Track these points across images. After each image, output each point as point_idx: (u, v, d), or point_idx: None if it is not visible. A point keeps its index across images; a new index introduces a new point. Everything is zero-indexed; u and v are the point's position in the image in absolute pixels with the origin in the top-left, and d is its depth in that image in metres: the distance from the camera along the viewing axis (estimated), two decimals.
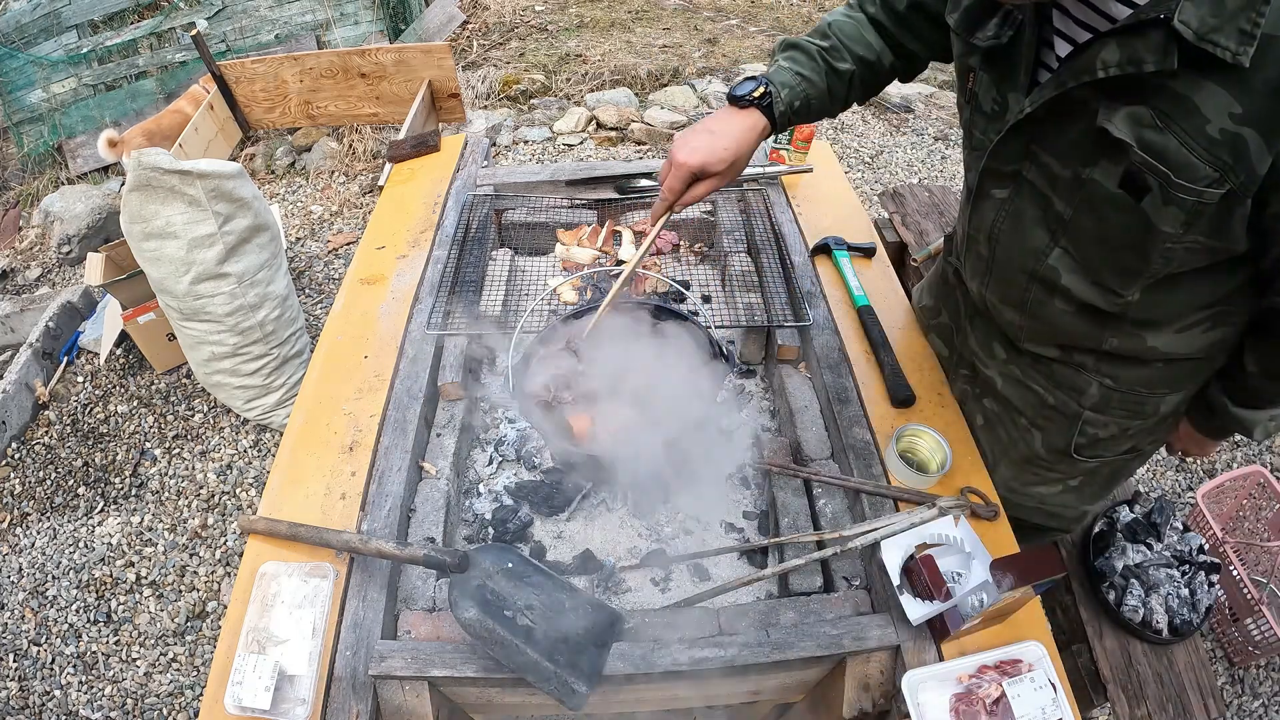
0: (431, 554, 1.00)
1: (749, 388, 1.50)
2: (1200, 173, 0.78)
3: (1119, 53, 0.77)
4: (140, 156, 2.04)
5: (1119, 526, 1.64)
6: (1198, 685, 1.51)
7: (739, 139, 1.09)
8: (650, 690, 1.04)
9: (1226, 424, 1.10)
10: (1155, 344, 1.03)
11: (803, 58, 1.16)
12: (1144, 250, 0.89)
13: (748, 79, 1.13)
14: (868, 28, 1.18)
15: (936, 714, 0.92)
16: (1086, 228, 0.94)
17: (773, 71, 1.14)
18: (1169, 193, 0.81)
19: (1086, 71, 0.81)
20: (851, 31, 1.17)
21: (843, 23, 1.18)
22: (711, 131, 1.09)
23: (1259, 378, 1.02)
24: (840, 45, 1.17)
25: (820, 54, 1.16)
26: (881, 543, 1.02)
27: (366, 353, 1.40)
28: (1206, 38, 0.70)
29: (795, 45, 1.18)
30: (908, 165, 4.02)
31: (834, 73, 1.16)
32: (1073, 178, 0.91)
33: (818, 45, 1.17)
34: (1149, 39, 0.74)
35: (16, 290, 3.59)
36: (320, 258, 3.50)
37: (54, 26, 4.20)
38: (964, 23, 0.99)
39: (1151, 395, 1.12)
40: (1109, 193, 0.87)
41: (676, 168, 1.08)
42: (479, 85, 4.59)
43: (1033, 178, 0.98)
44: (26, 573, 2.35)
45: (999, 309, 1.17)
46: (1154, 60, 0.75)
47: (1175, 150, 0.78)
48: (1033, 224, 1.01)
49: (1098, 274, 0.97)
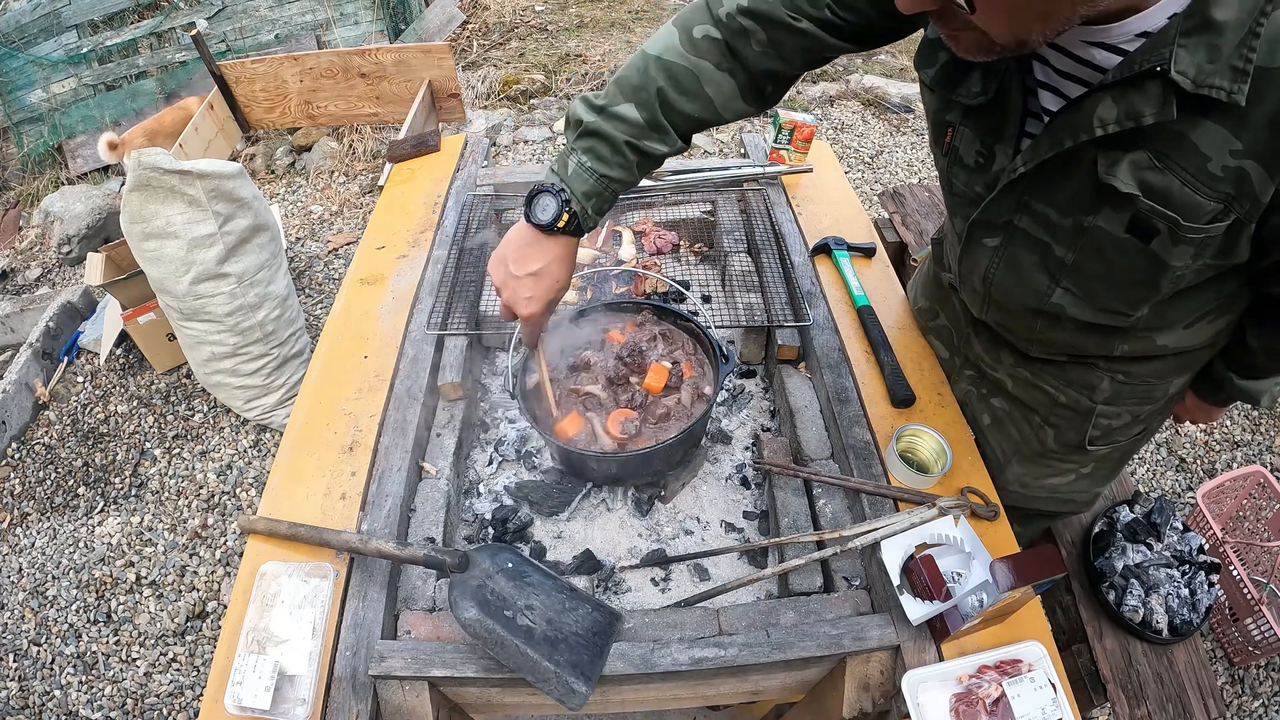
0: (431, 554, 1.00)
1: (749, 388, 1.50)
2: (1206, 209, 0.76)
3: (1116, 109, 0.75)
4: (140, 156, 2.04)
5: (1119, 526, 1.64)
6: (1198, 685, 1.51)
7: (564, 266, 1.04)
8: (650, 690, 1.04)
9: (1233, 394, 1.12)
10: (1165, 342, 1.03)
11: (607, 152, 0.97)
12: (1154, 282, 0.88)
13: (541, 191, 0.99)
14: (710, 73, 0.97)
15: (936, 714, 0.92)
16: (1091, 269, 0.91)
17: (572, 175, 0.98)
18: (1178, 234, 0.79)
19: (1084, 130, 0.78)
20: (691, 87, 0.97)
21: (681, 75, 0.96)
22: (535, 274, 1.02)
23: (1262, 354, 1.03)
24: (665, 124, 0.98)
25: (630, 145, 0.97)
26: (881, 543, 1.02)
27: (366, 353, 1.40)
28: (1204, 84, 0.69)
29: (598, 134, 0.96)
30: (908, 165, 4.02)
31: (647, 159, 1.00)
32: (1074, 226, 0.88)
33: (631, 130, 0.96)
34: (1145, 91, 0.72)
35: (16, 290, 3.59)
36: (320, 258, 3.50)
37: (54, 26, 4.20)
38: (942, 79, 0.94)
39: (1161, 382, 1.12)
40: (1115, 238, 0.85)
41: (527, 321, 1.06)
42: (479, 85, 4.59)
43: (1026, 226, 0.95)
44: (26, 573, 2.35)
45: (1004, 329, 1.16)
46: (1153, 113, 0.73)
47: (1179, 190, 0.76)
48: (1031, 268, 0.98)
49: (1105, 303, 0.96)
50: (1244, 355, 1.06)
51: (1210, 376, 1.14)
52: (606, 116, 0.97)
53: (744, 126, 4.24)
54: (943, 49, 0.92)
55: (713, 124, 1.03)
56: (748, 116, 1.06)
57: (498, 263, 1.05)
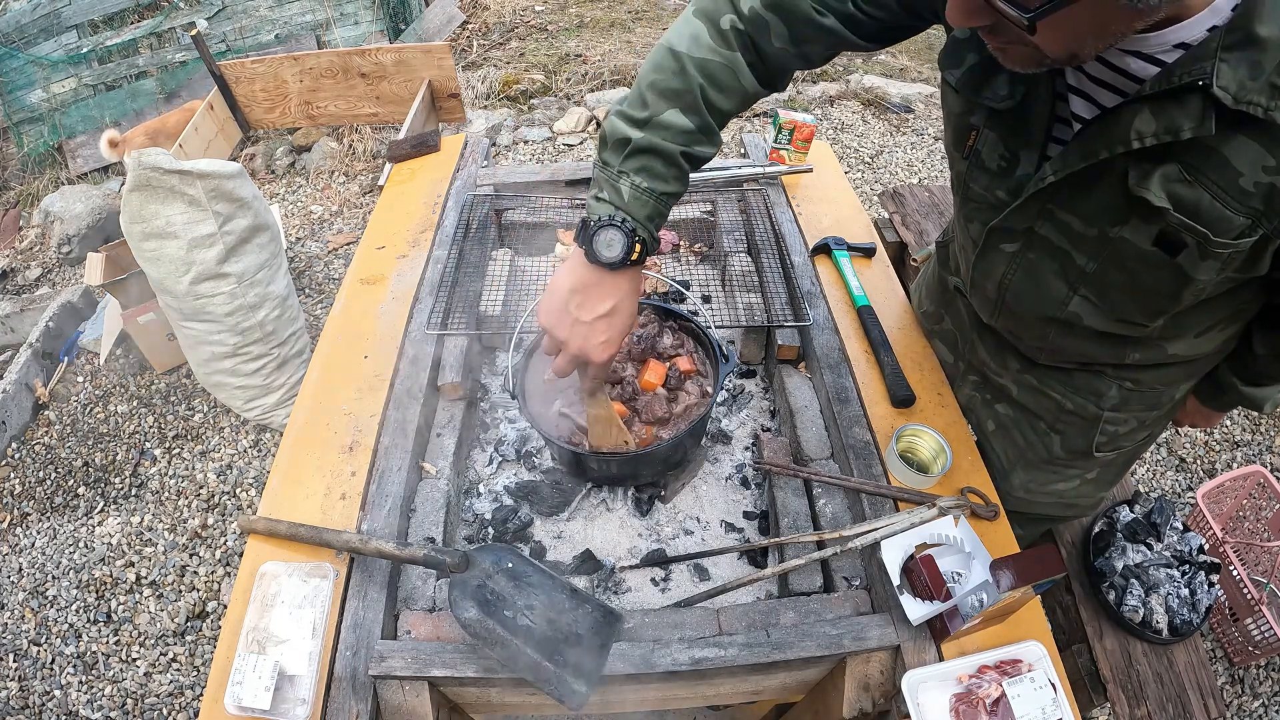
0: (431, 554, 1.00)
1: (749, 388, 1.50)
2: (1234, 224, 0.76)
3: (1155, 122, 0.73)
4: (140, 156, 2.04)
5: (1119, 526, 1.64)
6: (1198, 685, 1.51)
7: (635, 297, 0.98)
8: (650, 690, 1.04)
9: (1236, 400, 1.12)
10: (1176, 350, 1.03)
11: (661, 168, 0.92)
12: (1176, 294, 0.87)
13: (605, 227, 0.91)
14: (742, 68, 0.95)
15: (936, 714, 0.92)
16: (1113, 280, 0.91)
17: (630, 201, 0.92)
18: (1206, 250, 0.79)
19: (1121, 141, 0.77)
20: (727, 82, 0.94)
21: (717, 71, 0.93)
22: (607, 315, 0.95)
23: (1268, 360, 1.03)
24: (711, 123, 0.95)
25: (684, 155, 0.93)
26: (881, 543, 1.02)
27: (366, 353, 1.40)
28: (1244, 100, 0.68)
29: (651, 149, 0.91)
30: (908, 165, 4.02)
31: (696, 163, 0.96)
32: (1099, 236, 0.87)
33: (682, 137, 0.92)
34: (1185, 105, 0.71)
35: (16, 290, 3.59)
36: (320, 258, 3.50)
37: (54, 26, 4.21)
38: (968, 82, 0.92)
39: (1168, 389, 1.12)
40: (1141, 250, 0.84)
41: (597, 368, 0.99)
42: (479, 85, 4.59)
43: (1046, 233, 0.93)
44: (26, 573, 2.35)
45: (1014, 335, 1.15)
46: (1191, 127, 0.71)
47: (1208, 205, 0.75)
48: (1050, 275, 0.97)
49: (1123, 314, 0.95)
50: (1250, 361, 1.06)
51: (1214, 381, 1.13)
52: (653, 129, 0.91)
53: (744, 126, 4.24)
54: (970, 50, 0.91)
55: (737, 116, 1.01)
56: None
57: (556, 313, 0.96)
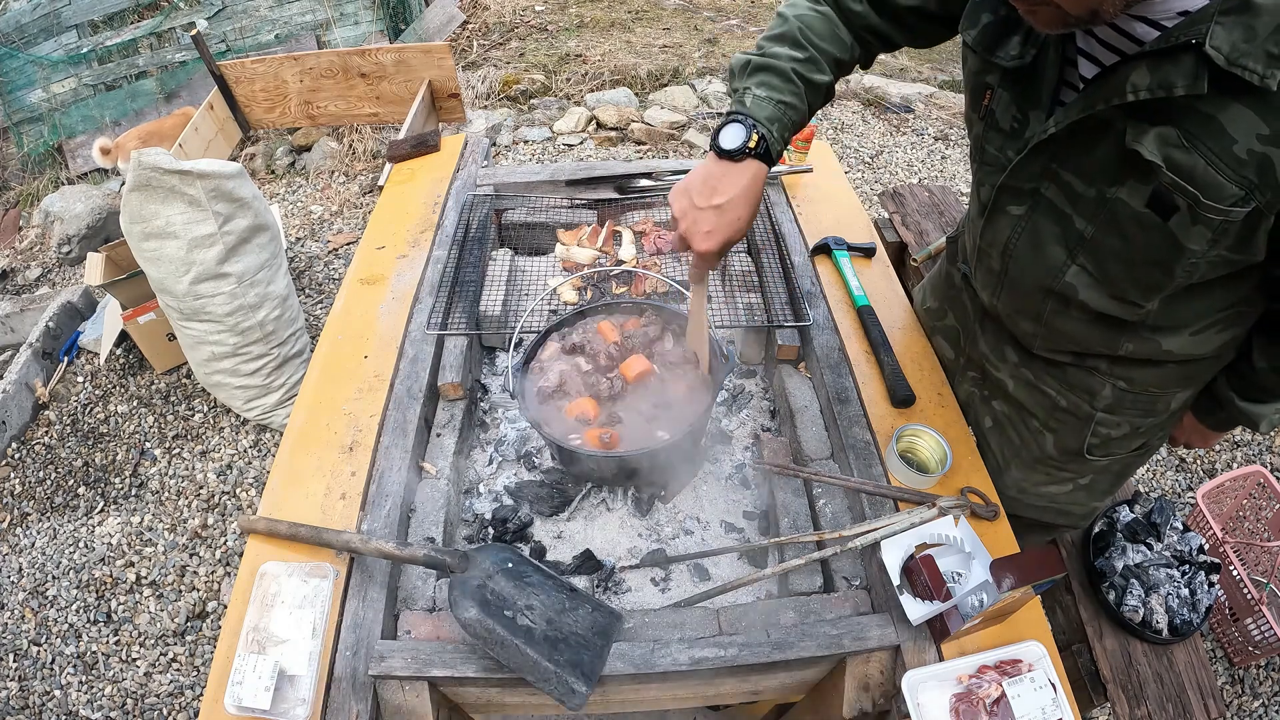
0: (431, 554, 1.00)
1: (749, 388, 1.50)
2: (1227, 192, 0.77)
3: (1149, 76, 0.77)
4: (140, 156, 2.04)
5: (1119, 526, 1.64)
6: (1198, 685, 1.51)
7: (750, 201, 1.00)
8: (650, 690, 1.04)
9: (1233, 417, 1.11)
10: (1170, 347, 1.03)
11: (778, 81, 1.03)
12: (1168, 266, 0.88)
13: (731, 121, 1.01)
14: (838, 24, 1.08)
15: (936, 714, 0.92)
16: (1109, 245, 0.93)
17: (752, 105, 1.02)
18: (1197, 213, 0.80)
19: (1116, 94, 0.80)
20: (825, 31, 1.07)
21: (813, 21, 1.07)
22: (718, 206, 0.99)
23: (1267, 374, 1.03)
24: (817, 55, 1.06)
25: (795, 73, 1.04)
26: (881, 543, 1.02)
27: (366, 353, 1.40)
28: (1236, 62, 0.70)
29: (766, 67, 1.04)
30: (908, 165, 4.02)
31: (812, 88, 1.06)
32: (1097, 196, 0.90)
33: (792, 61, 1.04)
34: (1180, 63, 0.74)
35: (16, 290, 3.59)
36: (320, 258, 3.50)
37: (54, 26, 4.21)
38: (983, 40, 0.96)
39: (1163, 394, 1.12)
40: (1135, 212, 0.86)
41: (700, 257, 1.02)
42: (479, 85, 4.59)
43: (1051, 195, 0.96)
44: (26, 573, 2.35)
45: (1013, 319, 1.16)
46: (1184, 84, 0.74)
47: (1203, 170, 0.77)
48: (1050, 240, 0.99)
49: (1117, 288, 0.96)
50: (1249, 375, 1.06)
51: (1212, 396, 1.13)
52: (767, 54, 1.06)
53: None
54: (986, 10, 0.95)
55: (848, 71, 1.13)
56: None
57: (681, 194, 1.02)
